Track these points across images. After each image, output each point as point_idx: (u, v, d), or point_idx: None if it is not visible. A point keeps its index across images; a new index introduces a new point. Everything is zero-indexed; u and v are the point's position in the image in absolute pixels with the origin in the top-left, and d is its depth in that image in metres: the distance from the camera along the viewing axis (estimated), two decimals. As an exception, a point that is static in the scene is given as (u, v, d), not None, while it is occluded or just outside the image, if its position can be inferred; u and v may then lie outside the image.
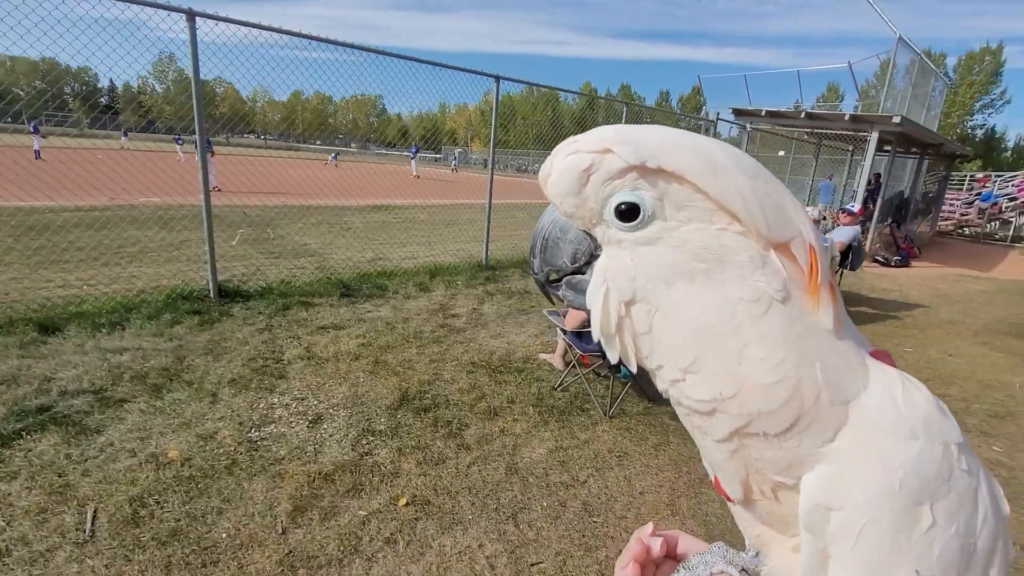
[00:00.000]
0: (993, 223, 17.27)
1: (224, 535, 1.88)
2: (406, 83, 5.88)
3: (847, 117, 9.30)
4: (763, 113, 10.28)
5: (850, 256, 5.32)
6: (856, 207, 5.66)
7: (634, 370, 0.48)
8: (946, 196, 17.43)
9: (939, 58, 36.31)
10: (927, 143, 11.92)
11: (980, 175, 22.03)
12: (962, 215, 17.59)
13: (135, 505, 1.98)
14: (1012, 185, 17.94)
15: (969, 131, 39.86)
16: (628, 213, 0.45)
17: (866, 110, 12.18)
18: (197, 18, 3.86)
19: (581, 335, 2.97)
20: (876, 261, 9.65)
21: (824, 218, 8.46)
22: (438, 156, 49.10)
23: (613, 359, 0.48)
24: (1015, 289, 8.47)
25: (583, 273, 0.50)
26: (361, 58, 5.34)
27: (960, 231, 17.62)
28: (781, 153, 14.71)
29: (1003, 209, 16.92)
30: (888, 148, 10.49)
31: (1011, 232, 16.99)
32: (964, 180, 20.85)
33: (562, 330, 3.11)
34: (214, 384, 2.97)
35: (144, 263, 5.45)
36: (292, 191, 11.76)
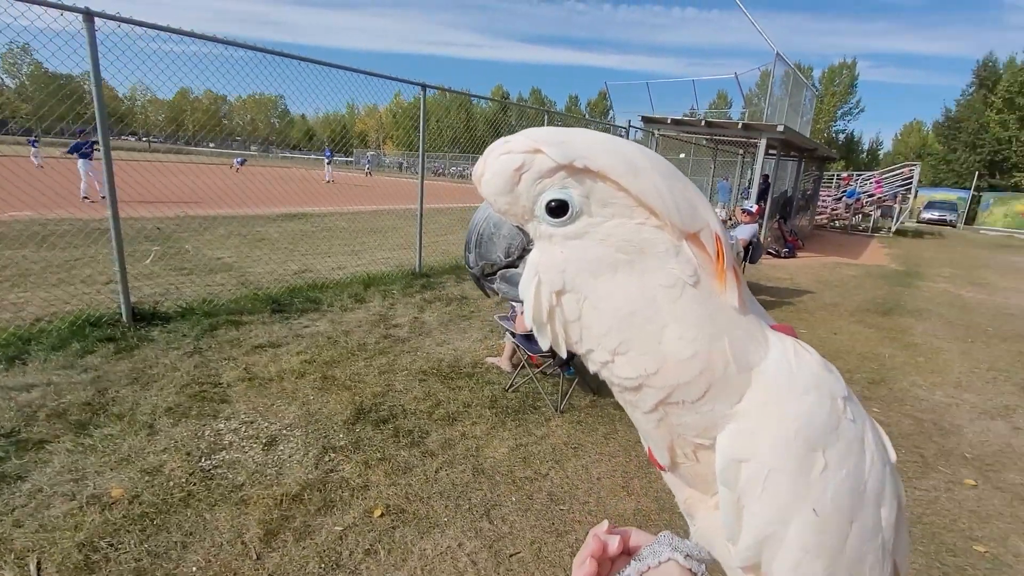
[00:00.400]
0: (857, 216, 19.90)
1: (194, 568, 1.82)
2: (311, 84, 5.54)
3: (740, 126, 10.34)
4: (668, 121, 11.14)
5: (751, 251, 5.97)
6: (754, 207, 6.35)
7: (564, 355, 0.52)
8: (820, 194, 19.81)
9: (807, 71, 41.12)
10: (804, 148, 13.53)
11: (845, 175, 25.33)
12: (832, 210, 20.09)
13: (85, 550, 1.85)
14: (871, 183, 20.81)
15: (834, 135, 45.39)
16: (557, 210, 0.47)
17: (752, 116, 13.60)
18: (96, 18, 3.56)
19: (530, 337, 3.13)
20: (769, 253, 10.80)
21: (729, 218, 9.37)
22: (349, 159, 47.40)
23: (544, 346, 0.51)
24: (878, 273, 9.89)
25: (516, 267, 0.52)
26: (260, 56, 5.02)
27: (832, 224, 20.10)
28: (682, 156, 15.91)
29: (864, 204, 19.55)
30: (773, 152, 11.78)
31: (871, 224, 19.71)
32: (832, 179, 23.82)
33: (511, 333, 3.26)
34: (148, 415, 2.78)
35: (29, 288, 4.85)
36: (190, 199, 10.83)
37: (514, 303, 3.42)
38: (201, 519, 2.06)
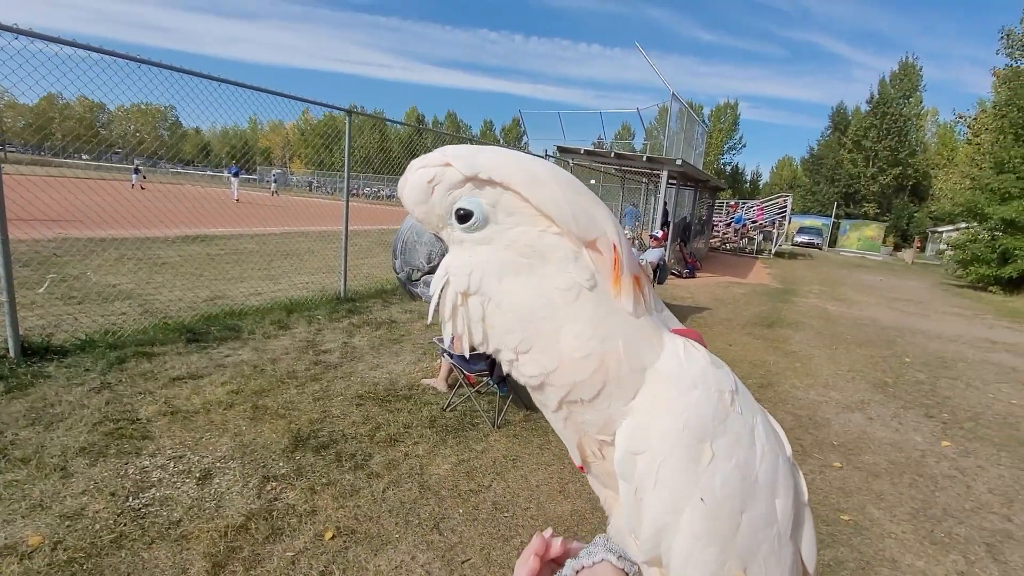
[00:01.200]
0: (744, 240, 22.31)
1: (138, 609, 1.76)
2: (208, 96, 5.02)
3: (644, 158, 11.37)
4: (582, 151, 11.97)
5: (658, 272, 6.61)
6: (660, 232, 7.04)
7: (467, 354, 0.59)
8: (713, 219, 21.98)
9: (698, 108, 45.65)
10: (699, 179, 15.05)
11: (732, 202, 28.36)
12: (724, 234, 22.37)
13: (7, 604, 1.72)
14: (754, 210, 23.51)
15: (722, 166, 50.49)
16: (466, 217, 0.51)
17: (653, 148, 14.96)
18: (-10, 29, 3.28)
19: (468, 358, 3.30)
20: (673, 274, 11.84)
21: (636, 241, 10.19)
22: (253, 177, 44.71)
23: (447, 341, 0.58)
24: (763, 291, 11.21)
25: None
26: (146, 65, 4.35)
27: (724, 246, 22.34)
28: (592, 182, 17.02)
29: (749, 229, 21.99)
30: (673, 182, 13.00)
31: (755, 247, 22.17)
32: (722, 206, 26.56)
33: (449, 353, 3.40)
34: (59, 457, 2.57)
35: None
36: (67, 218, 9.62)
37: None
38: (138, 559, 1.98)
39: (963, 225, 18.00)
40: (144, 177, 19.38)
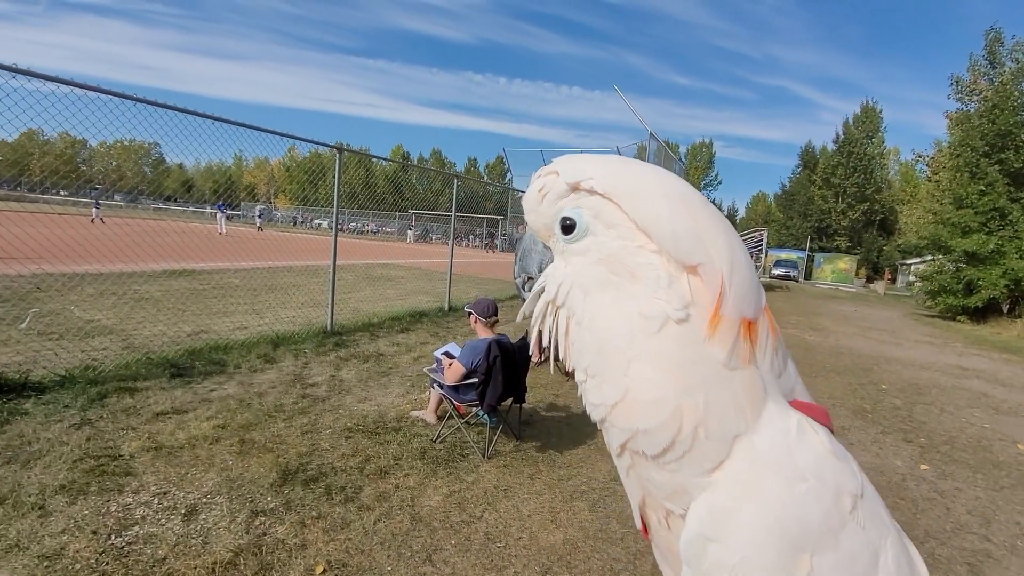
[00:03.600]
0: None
1: (123, 650, 1.71)
2: (194, 133, 5.02)
3: (623, 193, 11.72)
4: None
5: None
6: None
7: (550, 360, 0.54)
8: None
9: (675, 147, 47.31)
10: (676, 213, 15.52)
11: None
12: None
13: (-15, 648, 1.65)
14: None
15: (698, 202, 51.98)
16: (570, 228, 0.49)
17: (633, 186, 15.43)
18: (-12, 69, 3.36)
19: (458, 388, 3.33)
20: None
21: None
22: (237, 212, 44.57)
23: (532, 349, 0.54)
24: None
25: None
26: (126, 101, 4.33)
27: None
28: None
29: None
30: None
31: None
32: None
33: (440, 384, 3.42)
34: (36, 496, 2.50)
35: None
36: (43, 254, 9.41)
37: (437, 355, 3.62)
38: (122, 598, 1.92)
39: (929, 257, 18.74)
40: (99, 212, 19.41)
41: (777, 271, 34.70)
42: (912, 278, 24.34)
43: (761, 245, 23.62)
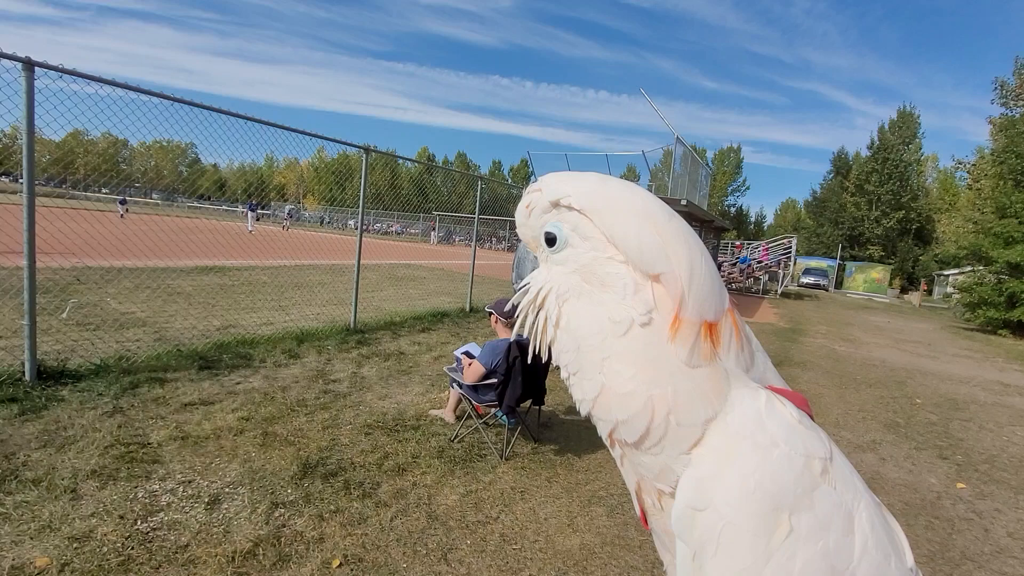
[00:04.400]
0: (750, 280, 22.35)
1: (145, 632, 1.75)
2: (230, 134, 5.18)
3: (648, 197, 11.61)
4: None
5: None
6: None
7: (545, 356, 0.57)
8: (718, 259, 22.14)
9: (702, 152, 46.66)
10: (704, 219, 15.27)
11: (737, 243, 28.57)
12: (729, 274, 22.43)
13: (16, 624, 1.71)
14: (759, 251, 23.66)
15: (726, 208, 51.14)
16: (552, 240, 0.54)
17: (658, 189, 15.24)
18: (36, 68, 3.51)
19: (477, 388, 3.32)
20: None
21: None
22: (266, 212, 45.67)
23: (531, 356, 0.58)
24: (770, 330, 11.17)
25: None
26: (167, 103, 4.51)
27: (730, 286, 22.37)
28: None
29: (755, 269, 22.06)
30: (677, 222, 13.22)
31: (761, 287, 22.20)
32: (727, 247, 26.77)
33: (459, 384, 3.42)
34: (69, 479, 2.58)
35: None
36: (85, 249, 9.85)
37: (457, 355, 3.62)
38: (146, 582, 1.97)
39: (969, 268, 18.01)
40: (127, 209, 20.20)
41: (806, 279, 33.82)
42: (950, 289, 23.43)
43: (790, 253, 23.05)
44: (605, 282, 0.49)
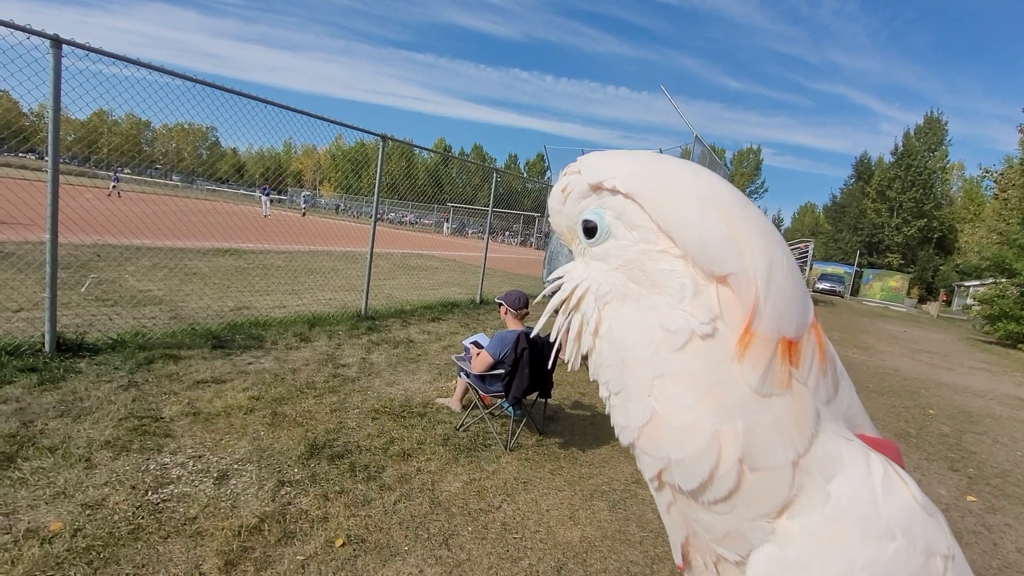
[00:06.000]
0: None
1: (152, 599, 1.79)
2: (251, 119, 5.22)
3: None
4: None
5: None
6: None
7: (577, 366, 0.47)
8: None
9: (721, 152, 46.04)
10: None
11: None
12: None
13: (29, 584, 1.77)
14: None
15: (742, 209, 50.53)
16: (591, 230, 0.45)
17: (675, 189, 15.09)
18: (64, 46, 3.57)
19: (484, 378, 3.34)
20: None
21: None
22: (283, 197, 46.07)
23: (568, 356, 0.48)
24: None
25: None
26: (192, 85, 4.61)
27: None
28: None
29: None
30: (692, 221, 13.07)
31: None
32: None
33: (467, 373, 3.44)
34: (84, 448, 2.65)
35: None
36: (106, 227, 10.04)
37: (466, 344, 3.63)
38: (154, 551, 2.02)
39: (991, 280, 17.60)
40: (116, 185, 20.27)
41: (821, 285, 33.35)
42: (970, 301, 22.95)
43: (806, 257, 22.73)
44: (656, 281, 0.39)
